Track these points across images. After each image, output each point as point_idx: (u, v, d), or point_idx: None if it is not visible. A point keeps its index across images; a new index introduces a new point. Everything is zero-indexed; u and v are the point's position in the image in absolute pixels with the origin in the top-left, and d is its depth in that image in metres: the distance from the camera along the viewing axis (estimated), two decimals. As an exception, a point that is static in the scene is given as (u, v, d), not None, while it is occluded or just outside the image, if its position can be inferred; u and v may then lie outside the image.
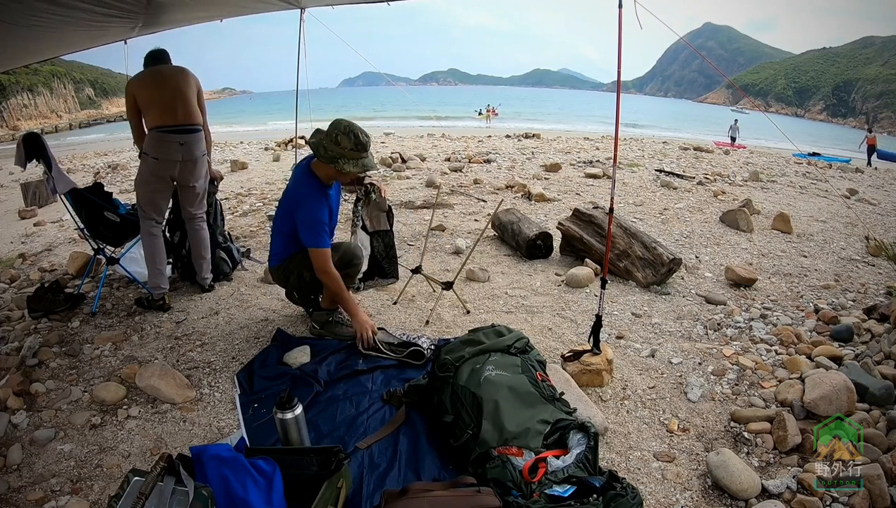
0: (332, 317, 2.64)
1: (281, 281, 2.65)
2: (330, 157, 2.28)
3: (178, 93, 2.86)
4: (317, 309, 2.67)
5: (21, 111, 40.89)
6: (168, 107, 2.83)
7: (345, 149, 2.26)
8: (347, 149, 2.26)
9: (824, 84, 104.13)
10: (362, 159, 2.31)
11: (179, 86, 2.88)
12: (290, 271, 2.54)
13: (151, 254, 2.93)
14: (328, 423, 1.98)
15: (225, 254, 3.46)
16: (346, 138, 2.25)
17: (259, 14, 4.26)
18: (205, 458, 1.43)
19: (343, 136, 2.25)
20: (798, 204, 5.89)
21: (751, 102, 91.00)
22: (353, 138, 2.25)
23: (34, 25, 2.85)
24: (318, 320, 2.64)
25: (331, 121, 2.34)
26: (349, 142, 2.25)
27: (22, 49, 3.39)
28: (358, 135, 2.26)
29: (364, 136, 2.28)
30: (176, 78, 2.89)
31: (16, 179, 8.56)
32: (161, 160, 2.84)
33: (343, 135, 2.25)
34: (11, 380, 2.23)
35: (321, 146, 2.30)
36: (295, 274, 2.54)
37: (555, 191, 6.01)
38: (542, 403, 1.79)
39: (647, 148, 11.19)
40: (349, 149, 2.25)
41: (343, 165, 2.27)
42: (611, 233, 2.34)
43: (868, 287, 3.41)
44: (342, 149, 2.26)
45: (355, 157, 2.28)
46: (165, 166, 2.86)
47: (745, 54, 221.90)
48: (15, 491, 1.68)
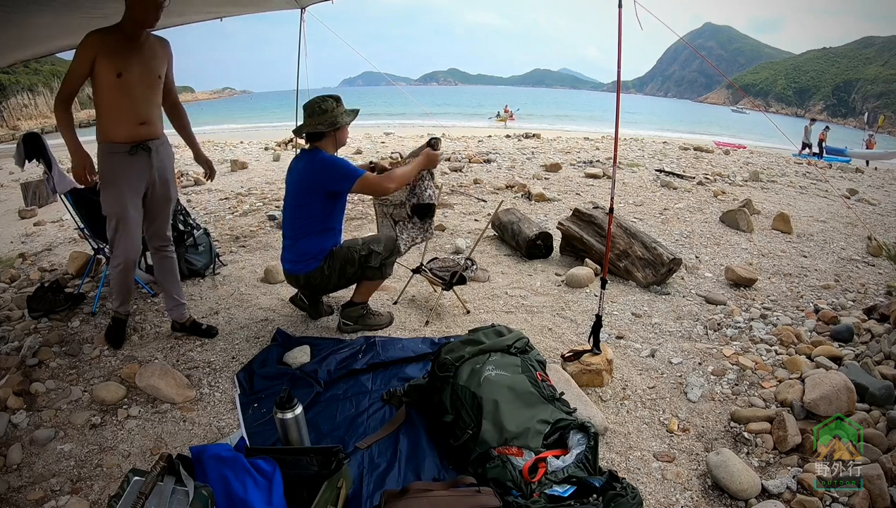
0: (366, 310, 2.72)
1: (319, 284, 2.60)
2: (330, 123, 2.44)
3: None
4: (347, 306, 2.73)
5: (21, 111, 40.86)
6: None
7: (333, 108, 2.46)
8: (335, 108, 2.47)
9: (824, 84, 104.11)
10: (348, 109, 2.54)
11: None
12: (332, 270, 2.55)
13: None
14: (328, 423, 1.98)
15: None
16: (326, 102, 2.46)
17: (259, 13, 4.26)
18: (205, 458, 1.43)
19: (323, 102, 2.46)
20: (798, 204, 5.89)
21: (751, 102, 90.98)
22: (329, 100, 2.47)
23: (34, 14, 2.83)
24: (352, 315, 2.71)
25: (303, 111, 2.51)
26: (331, 102, 2.47)
27: (21, 42, 3.37)
28: (329, 95, 2.50)
29: (333, 95, 2.52)
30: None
31: (16, 179, 8.56)
32: None
33: (322, 101, 2.46)
34: (11, 380, 2.23)
35: (319, 123, 2.43)
36: (337, 274, 2.56)
37: (555, 191, 6.01)
38: (542, 403, 1.79)
39: (647, 148, 11.18)
40: (334, 106, 2.47)
41: (343, 119, 2.47)
42: (611, 233, 2.34)
43: (868, 287, 3.41)
44: (331, 112, 2.45)
45: (341, 110, 2.50)
46: None
47: (745, 54, 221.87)
48: (15, 491, 1.68)
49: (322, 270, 2.54)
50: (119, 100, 2.19)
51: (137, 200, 2.33)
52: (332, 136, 2.49)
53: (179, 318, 2.67)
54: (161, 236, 2.54)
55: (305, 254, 2.52)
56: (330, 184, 2.43)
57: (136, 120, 2.24)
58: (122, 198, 2.26)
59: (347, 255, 2.55)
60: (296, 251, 2.54)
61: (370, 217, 4.86)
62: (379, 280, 2.69)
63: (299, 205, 2.49)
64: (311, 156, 2.47)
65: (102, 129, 2.24)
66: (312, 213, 2.48)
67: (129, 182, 2.27)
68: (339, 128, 2.47)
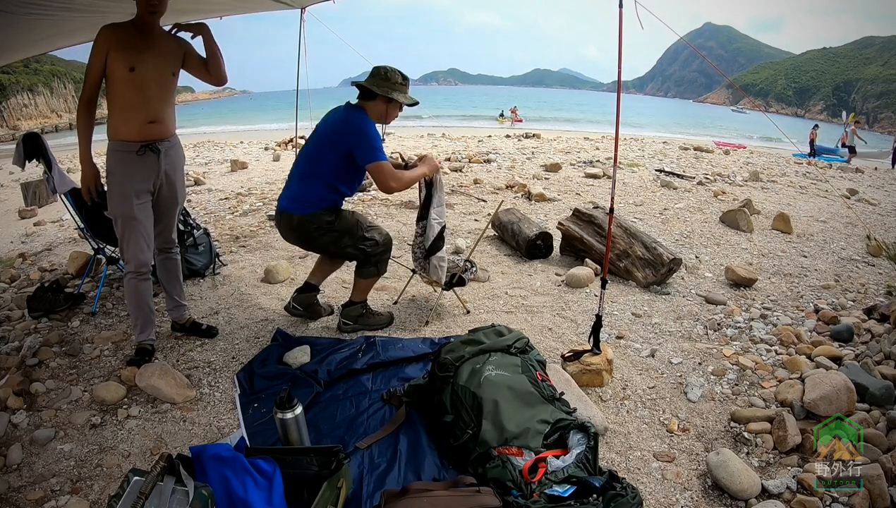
0: (365, 310, 2.74)
1: (309, 234, 2.51)
2: (387, 89, 2.44)
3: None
4: (346, 305, 2.74)
5: (21, 111, 40.88)
6: None
7: (395, 82, 2.46)
8: (398, 83, 2.47)
9: (824, 84, 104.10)
10: (408, 92, 2.53)
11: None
12: (330, 228, 2.48)
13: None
14: (328, 423, 1.98)
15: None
16: (394, 73, 2.47)
17: (259, 13, 4.26)
18: (205, 458, 1.43)
19: (392, 72, 2.47)
20: (798, 204, 5.89)
21: (751, 102, 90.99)
22: (399, 74, 2.48)
23: (32, 14, 2.82)
24: (351, 314, 2.72)
25: (370, 72, 2.50)
26: (398, 76, 2.47)
27: (21, 40, 3.36)
28: (401, 72, 2.49)
29: (404, 74, 2.51)
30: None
31: (16, 179, 8.56)
32: None
33: (391, 71, 2.47)
34: (11, 380, 2.23)
35: (376, 85, 2.45)
36: (333, 235, 2.49)
37: (555, 191, 6.00)
38: (542, 403, 1.79)
39: (647, 148, 11.18)
40: (398, 82, 2.47)
41: (397, 96, 2.46)
42: (611, 232, 2.34)
43: (868, 287, 3.41)
44: (393, 83, 2.46)
45: (403, 90, 2.49)
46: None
47: (745, 54, 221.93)
48: (15, 491, 1.68)
49: (320, 218, 2.46)
50: (131, 95, 2.15)
51: (145, 202, 2.29)
52: (383, 107, 2.46)
53: (179, 319, 2.66)
54: (166, 239, 2.51)
55: (306, 196, 2.47)
56: (354, 148, 2.39)
57: (146, 118, 2.20)
58: (128, 198, 2.22)
59: (352, 227, 2.52)
60: (298, 191, 2.49)
61: (370, 216, 4.86)
62: (374, 277, 2.68)
63: (318, 152, 2.47)
64: (351, 113, 2.45)
65: (113, 127, 2.21)
66: (326, 165, 2.44)
67: (136, 183, 2.23)
68: (391, 101, 2.45)
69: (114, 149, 2.22)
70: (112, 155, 2.22)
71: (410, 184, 2.58)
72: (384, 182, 2.44)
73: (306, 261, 3.74)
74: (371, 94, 2.43)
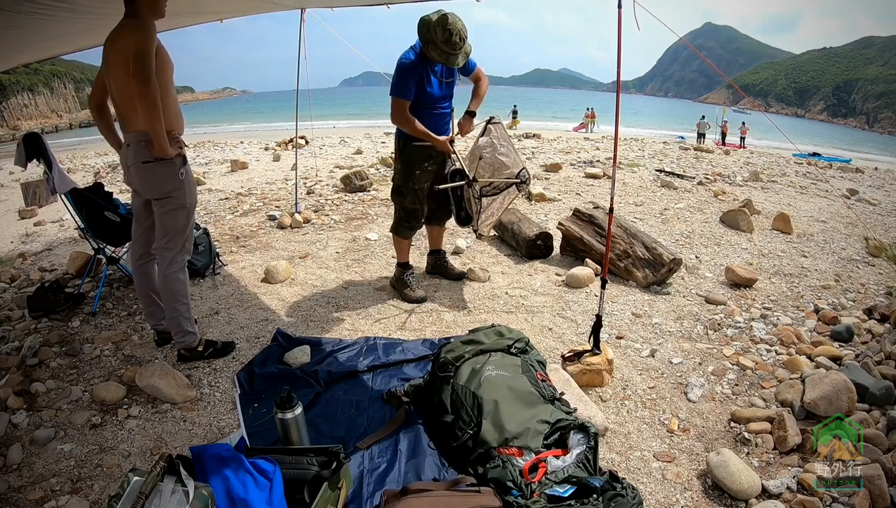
0: (405, 276, 3.06)
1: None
2: (423, 39, 2.62)
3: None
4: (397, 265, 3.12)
5: (21, 111, 40.92)
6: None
7: (436, 39, 2.57)
8: (438, 41, 2.56)
9: (824, 84, 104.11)
10: (448, 54, 2.60)
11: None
12: (399, 151, 2.92)
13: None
14: (328, 423, 1.98)
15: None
16: (440, 32, 2.55)
17: (260, 14, 4.25)
18: (205, 458, 1.43)
19: (439, 29, 2.55)
20: (798, 204, 5.88)
21: (751, 102, 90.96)
22: (446, 34, 2.55)
23: (33, 14, 2.82)
24: (395, 275, 3.13)
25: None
26: (441, 35, 2.55)
27: (22, 43, 3.36)
28: (452, 35, 2.55)
29: (458, 38, 2.57)
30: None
31: (16, 179, 8.56)
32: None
33: (440, 28, 2.55)
34: (11, 380, 2.23)
35: (421, 27, 2.62)
36: (399, 163, 2.94)
37: (555, 191, 6.00)
38: (542, 403, 1.79)
39: (647, 148, 11.18)
40: (439, 41, 2.56)
41: (429, 50, 2.60)
42: (611, 232, 2.34)
43: (868, 287, 3.41)
44: (433, 38, 2.57)
45: (440, 50, 2.58)
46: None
47: (745, 54, 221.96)
48: (15, 491, 1.68)
49: (398, 140, 2.91)
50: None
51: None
52: (428, 48, 2.61)
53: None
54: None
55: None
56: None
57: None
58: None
59: (405, 166, 2.90)
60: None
61: (370, 216, 4.86)
62: (401, 238, 3.05)
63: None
64: (414, 48, 2.68)
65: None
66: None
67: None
68: (432, 43, 2.57)
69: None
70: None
71: (409, 129, 2.77)
72: (393, 114, 2.74)
73: (306, 261, 3.75)
74: (425, 41, 2.63)
